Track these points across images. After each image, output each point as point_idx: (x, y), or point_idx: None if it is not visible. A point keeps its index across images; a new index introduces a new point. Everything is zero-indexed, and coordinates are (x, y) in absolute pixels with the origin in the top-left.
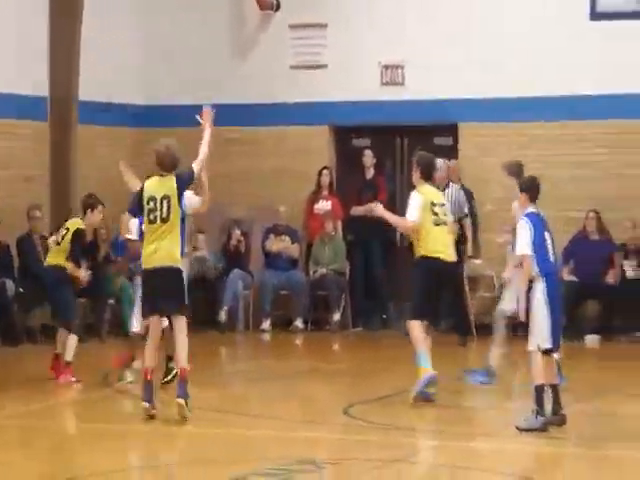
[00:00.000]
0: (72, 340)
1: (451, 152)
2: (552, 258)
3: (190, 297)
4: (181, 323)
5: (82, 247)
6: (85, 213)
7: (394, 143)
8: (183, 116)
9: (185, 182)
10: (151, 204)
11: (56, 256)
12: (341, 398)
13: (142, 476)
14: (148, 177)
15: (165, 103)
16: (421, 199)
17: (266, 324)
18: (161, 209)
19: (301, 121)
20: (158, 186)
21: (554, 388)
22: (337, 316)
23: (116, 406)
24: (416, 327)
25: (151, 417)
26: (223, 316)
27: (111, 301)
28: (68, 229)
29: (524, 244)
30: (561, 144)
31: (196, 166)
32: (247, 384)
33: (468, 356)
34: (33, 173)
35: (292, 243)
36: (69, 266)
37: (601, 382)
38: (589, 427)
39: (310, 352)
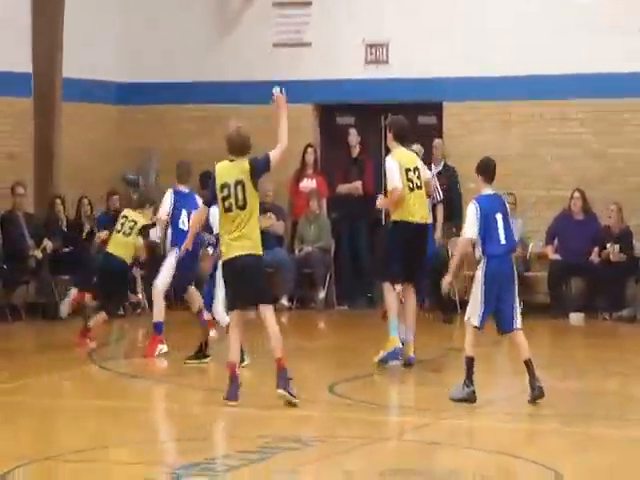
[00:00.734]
0: (102, 315)
1: (435, 131)
2: (502, 240)
3: None
4: (269, 313)
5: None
6: (144, 207)
7: (378, 121)
8: (166, 93)
9: (261, 169)
10: (225, 191)
11: (118, 246)
12: (326, 376)
13: (122, 454)
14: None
15: (148, 80)
16: (397, 166)
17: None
18: (236, 195)
19: (287, 99)
20: (230, 171)
21: (527, 363)
22: (322, 294)
23: (99, 383)
24: (390, 292)
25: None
26: None
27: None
28: (135, 222)
29: (467, 227)
30: (546, 123)
31: (274, 154)
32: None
33: (453, 333)
34: (16, 150)
35: (277, 220)
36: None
37: (585, 360)
38: (571, 404)
39: (295, 330)
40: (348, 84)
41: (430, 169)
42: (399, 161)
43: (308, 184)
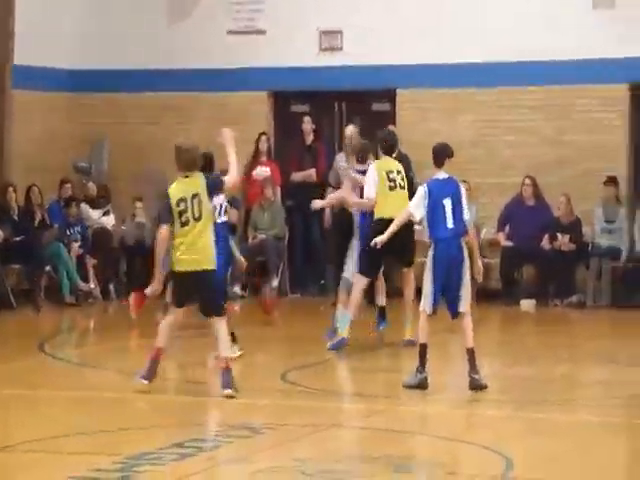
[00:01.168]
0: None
1: (389, 118)
2: (450, 225)
3: (130, 262)
4: (221, 325)
5: None
6: None
7: (332, 109)
8: (119, 81)
9: (213, 188)
10: (182, 205)
11: None
12: (279, 364)
13: (78, 443)
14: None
15: (101, 67)
16: (376, 172)
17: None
18: (192, 208)
19: (239, 87)
20: (186, 187)
21: (469, 352)
22: (275, 282)
23: (51, 372)
24: (359, 287)
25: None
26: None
27: (47, 268)
28: None
29: (411, 205)
30: (498, 110)
31: (227, 181)
32: (185, 351)
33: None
34: None
35: (231, 209)
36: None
37: (535, 346)
38: (522, 390)
39: (247, 318)
40: (302, 71)
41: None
42: (379, 167)
43: (262, 172)
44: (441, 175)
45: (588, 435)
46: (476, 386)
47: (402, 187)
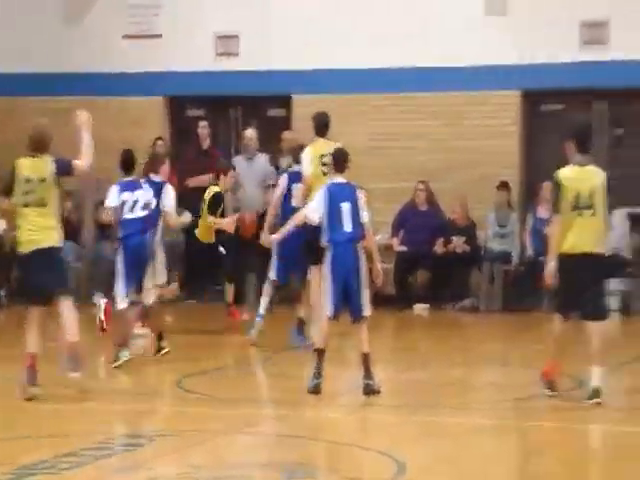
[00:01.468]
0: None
1: (284, 123)
2: (347, 228)
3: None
4: (67, 305)
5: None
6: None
7: (229, 114)
8: (15, 84)
9: (61, 171)
10: (27, 186)
11: None
12: (173, 371)
13: None
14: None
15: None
16: (309, 157)
17: (98, 297)
18: (37, 192)
19: (136, 91)
20: (34, 167)
21: (364, 357)
22: (173, 285)
23: None
24: (314, 279)
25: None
26: None
27: None
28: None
29: (309, 207)
30: (393, 115)
31: (77, 165)
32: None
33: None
34: None
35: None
36: (215, 221)
37: (429, 350)
38: (416, 394)
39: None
40: (198, 76)
41: (279, 162)
42: (313, 149)
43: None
44: (340, 179)
45: (481, 438)
46: (370, 391)
47: None
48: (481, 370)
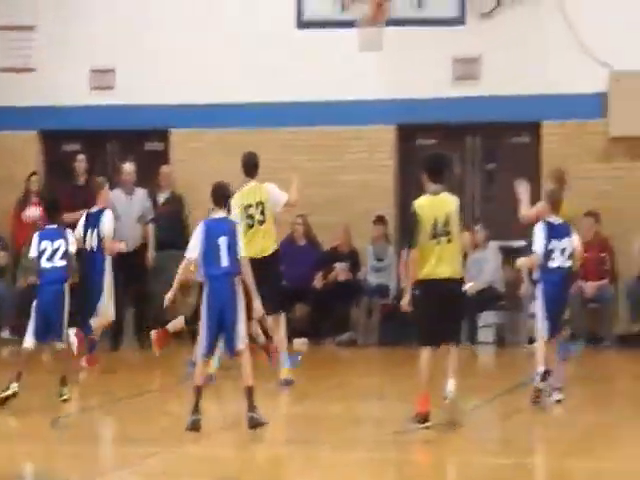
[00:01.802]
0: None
1: (162, 157)
2: (224, 263)
3: None
4: None
5: None
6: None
7: (105, 148)
8: None
9: None
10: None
11: None
12: (51, 409)
13: None
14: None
15: None
16: (235, 207)
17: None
18: None
19: (9, 126)
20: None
21: (247, 390)
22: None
23: None
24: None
25: None
26: None
27: None
28: None
29: (190, 247)
30: (274, 150)
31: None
32: None
33: None
34: None
35: (2, 251)
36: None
37: (307, 385)
38: (298, 429)
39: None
40: (73, 111)
41: (156, 196)
42: (239, 199)
43: (32, 212)
44: (218, 214)
45: (363, 472)
46: (256, 424)
47: (261, 222)
48: (360, 404)
